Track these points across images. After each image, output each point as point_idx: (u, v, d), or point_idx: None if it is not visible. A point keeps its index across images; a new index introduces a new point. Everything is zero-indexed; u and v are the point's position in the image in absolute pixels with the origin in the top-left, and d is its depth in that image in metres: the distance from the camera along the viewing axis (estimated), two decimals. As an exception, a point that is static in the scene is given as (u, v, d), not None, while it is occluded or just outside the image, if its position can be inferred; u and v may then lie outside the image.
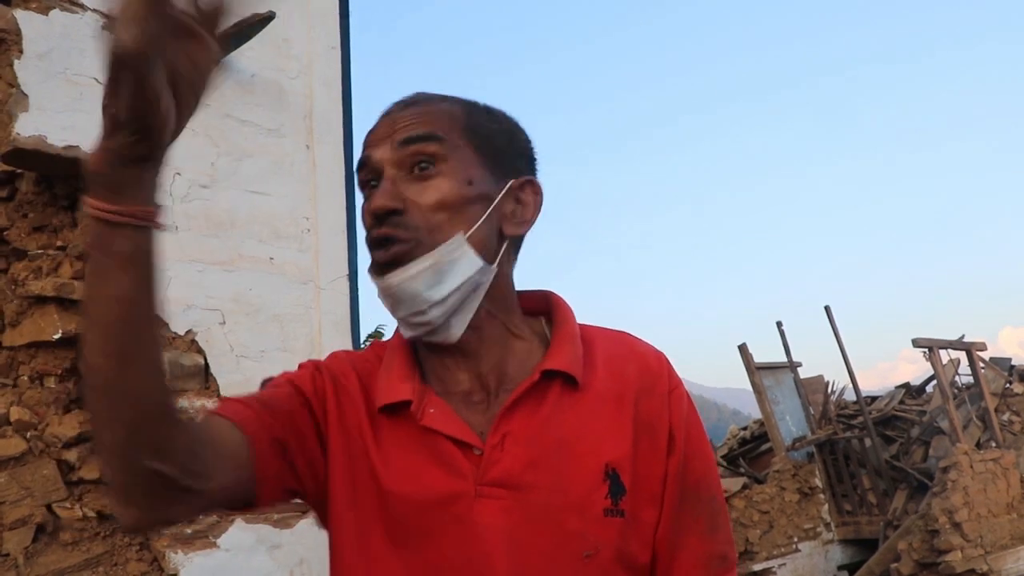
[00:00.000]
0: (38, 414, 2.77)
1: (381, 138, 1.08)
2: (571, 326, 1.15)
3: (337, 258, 3.42)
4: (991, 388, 11.80)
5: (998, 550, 8.98)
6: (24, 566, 2.58)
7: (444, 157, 1.06)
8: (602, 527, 1.05)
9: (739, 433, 14.62)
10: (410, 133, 1.06)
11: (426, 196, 1.05)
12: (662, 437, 1.12)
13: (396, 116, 1.09)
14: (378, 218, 1.03)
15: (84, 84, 2.83)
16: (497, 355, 1.11)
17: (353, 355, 1.19)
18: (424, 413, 1.06)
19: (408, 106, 1.10)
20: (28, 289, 2.79)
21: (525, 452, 1.04)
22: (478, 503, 1.03)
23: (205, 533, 2.82)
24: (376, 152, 1.07)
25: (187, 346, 2.93)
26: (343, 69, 3.66)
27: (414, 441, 1.06)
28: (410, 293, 1.03)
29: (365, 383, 1.13)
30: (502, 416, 1.06)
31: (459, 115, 1.10)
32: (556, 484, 1.04)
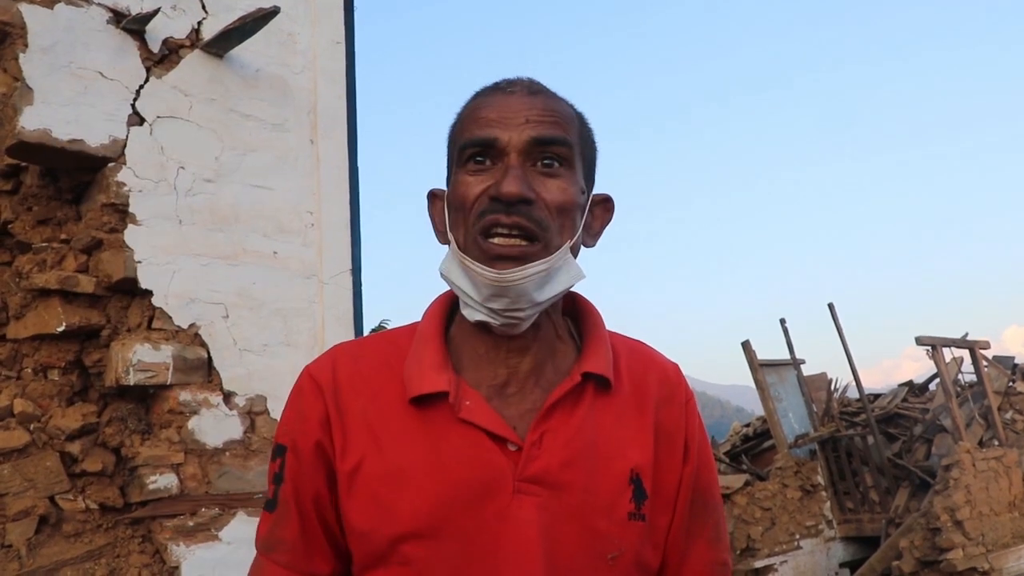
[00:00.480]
0: (41, 406, 2.78)
1: (510, 121, 1.04)
2: (602, 330, 1.17)
3: (340, 253, 3.42)
4: (994, 386, 11.78)
5: (1000, 548, 8.97)
6: (27, 557, 2.59)
7: (569, 163, 1.06)
8: (626, 530, 1.07)
9: (742, 430, 14.62)
10: (549, 134, 1.04)
11: (551, 194, 1.04)
12: (679, 446, 1.15)
13: (526, 102, 1.06)
14: (507, 203, 1.01)
15: (89, 78, 2.84)
16: (544, 353, 1.12)
17: (357, 347, 1.17)
18: (461, 406, 1.06)
19: (535, 94, 1.08)
20: (32, 282, 2.80)
21: (562, 452, 1.05)
22: (516, 499, 1.03)
23: (207, 526, 2.84)
24: (504, 134, 1.04)
25: (191, 339, 2.94)
26: (348, 64, 3.66)
27: (448, 433, 1.05)
28: (521, 292, 1.03)
29: (377, 377, 1.11)
30: (543, 415, 1.07)
31: (576, 121, 1.10)
32: (588, 485, 1.06)
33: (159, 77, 3.01)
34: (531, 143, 1.04)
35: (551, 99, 1.09)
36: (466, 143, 1.06)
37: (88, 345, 2.89)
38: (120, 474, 2.84)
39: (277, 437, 1.14)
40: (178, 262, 2.95)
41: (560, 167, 1.06)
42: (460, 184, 1.06)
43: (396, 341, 1.16)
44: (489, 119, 1.05)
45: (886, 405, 13.22)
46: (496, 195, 1.01)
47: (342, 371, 1.12)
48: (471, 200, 1.04)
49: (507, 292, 1.03)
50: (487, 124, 1.05)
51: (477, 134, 1.05)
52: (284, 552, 1.11)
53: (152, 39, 3.01)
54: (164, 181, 2.97)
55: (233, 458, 2.95)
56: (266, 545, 1.13)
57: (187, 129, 3.06)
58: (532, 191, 1.02)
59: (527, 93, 1.07)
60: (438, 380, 1.07)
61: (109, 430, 2.83)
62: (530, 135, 1.03)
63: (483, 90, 1.11)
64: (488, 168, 1.04)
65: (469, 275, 1.05)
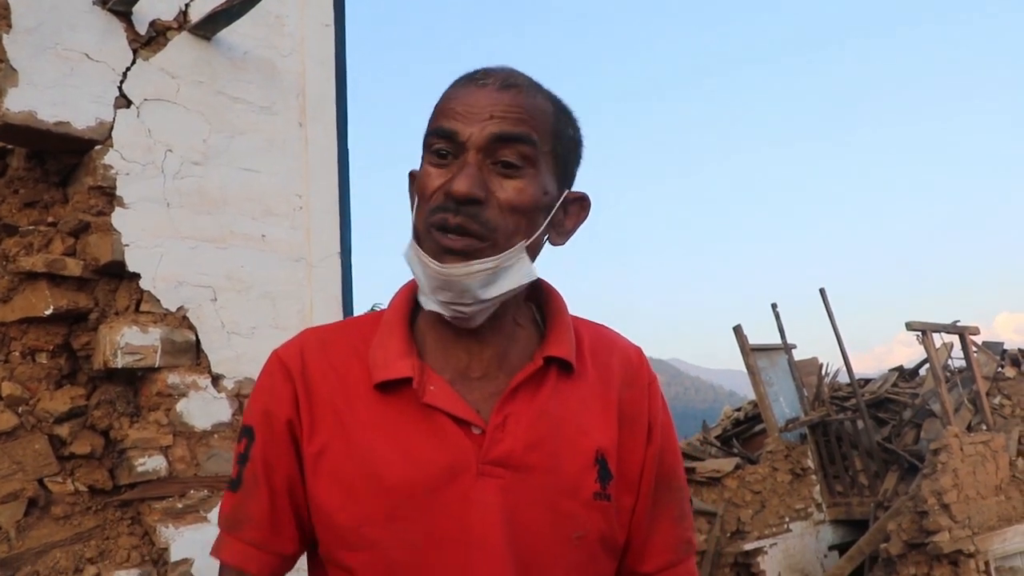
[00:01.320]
0: (30, 389, 2.78)
1: (474, 116, 1.04)
2: (565, 315, 1.18)
3: (329, 236, 3.42)
4: (983, 372, 11.85)
5: (985, 531, 9.06)
6: (16, 539, 2.60)
7: (533, 161, 1.06)
8: (591, 510, 1.09)
9: (733, 414, 14.69)
10: (510, 131, 1.04)
11: (507, 194, 1.04)
12: (642, 427, 1.17)
13: (494, 97, 1.05)
14: (457, 202, 1.02)
15: (75, 60, 2.82)
16: (504, 342, 1.13)
17: (324, 333, 1.19)
18: (425, 390, 1.07)
19: (506, 88, 1.06)
20: (19, 265, 2.80)
21: (526, 434, 1.07)
22: (479, 481, 1.05)
23: (196, 508, 2.85)
24: (466, 129, 1.04)
25: (178, 322, 2.94)
26: (337, 47, 3.64)
27: (412, 418, 1.07)
28: (464, 287, 1.04)
29: (343, 362, 1.13)
30: (506, 398, 1.08)
31: (550, 117, 1.09)
32: (552, 467, 1.07)
33: (146, 59, 3.00)
34: (491, 140, 1.03)
35: (523, 94, 1.07)
36: (431, 132, 1.07)
37: (76, 328, 2.89)
38: (109, 456, 2.85)
39: (245, 419, 1.16)
40: (166, 245, 2.94)
41: (521, 167, 1.05)
42: (424, 173, 1.07)
43: (362, 328, 1.17)
44: (455, 111, 1.05)
45: (876, 390, 13.30)
46: (447, 193, 1.02)
47: (310, 356, 1.13)
48: (429, 192, 1.06)
49: (451, 287, 1.04)
50: (452, 116, 1.05)
51: (443, 124, 1.05)
52: (251, 529, 1.12)
53: (139, 21, 3.00)
54: (151, 164, 2.96)
55: (222, 440, 2.96)
56: (231, 523, 1.14)
57: (174, 112, 3.05)
58: (484, 190, 1.02)
59: (498, 87, 1.06)
60: (402, 366, 1.09)
61: (98, 413, 2.83)
62: (491, 131, 1.03)
63: (460, 79, 1.11)
64: (449, 163, 1.05)
65: (420, 265, 1.06)
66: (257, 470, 1.12)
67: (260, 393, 1.15)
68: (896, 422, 12.21)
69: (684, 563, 1.21)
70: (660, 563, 1.19)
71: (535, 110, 1.07)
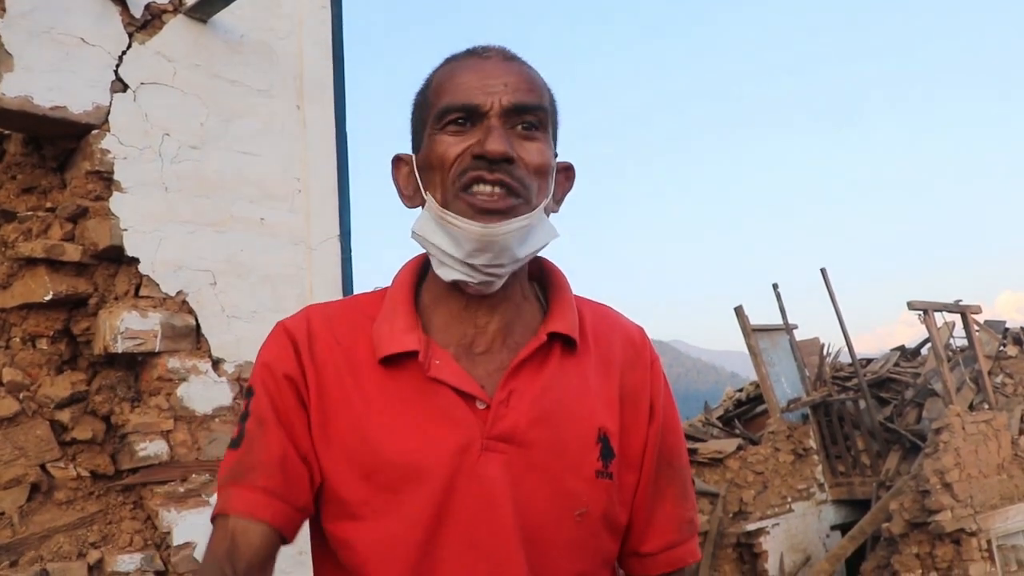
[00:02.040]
0: (31, 375, 2.78)
1: (491, 87, 1.06)
2: (568, 293, 1.19)
3: (328, 218, 3.41)
4: (985, 351, 11.86)
5: (987, 510, 9.08)
6: (19, 525, 2.61)
7: (544, 127, 1.09)
8: (593, 488, 1.09)
9: (735, 395, 14.70)
10: (528, 100, 1.07)
11: (531, 156, 1.06)
12: (644, 407, 1.17)
13: (502, 67, 1.08)
14: (490, 161, 1.03)
15: (70, 43, 2.80)
16: (511, 314, 1.13)
17: (329, 308, 1.18)
18: (430, 364, 1.07)
19: (510, 60, 1.10)
20: (18, 251, 2.79)
21: (529, 410, 1.07)
22: (484, 456, 1.05)
23: (198, 492, 2.85)
24: (486, 99, 1.05)
25: (178, 307, 2.93)
26: (334, 28, 3.62)
27: (417, 392, 1.07)
28: (505, 246, 1.04)
29: (348, 337, 1.13)
30: (510, 373, 1.08)
31: (546, 88, 1.13)
32: (555, 443, 1.07)
33: (142, 43, 2.98)
34: (511, 108, 1.05)
35: (525, 66, 1.11)
36: (447, 107, 1.06)
37: (76, 313, 2.89)
38: (110, 441, 2.85)
39: (251, 382, 1.13)
40: (165, 229, 2.94)
41: (537, 131, 1.08)
42: (439, 143, 1.07)
43: (366, 305, 1.17)
44: (469, 84, 1.06)
45: (878, 370, 13.30)
46: (481, 153, 1.03)
47: (316, 328, 1.13)
48: (452, 158, 1.05)
49: (491, 247, 1.04)
50: (467, 88, 1.06)
51: (459, 98, 1.06)
52: (262, 475, 1.05)
53: (134, 4, 2.97)
54: (149, 148, 2.95)
55: (223, 424, 2.96)
56: (236, 472, 1.07)
57: (172, 95, 3.03)
58: (513, 151, 1.04)
59: (503, 59, 1.09)
60: (408, 340, 1.09)
61: (98, 398, 2.84)
62: (511, 100, 1.05)
63: (456, 56, 1.12)
64: (468, 129, 1.06)
65: (450, 232, 1.05)
66: (263, 417, 1.08)
67: (266, 358, 1.13)
68: (898, 402, 12.22)
69: (686, 543, 1.21)
70: (662, 543, 1.19)
71: (538, 81, 1.11)
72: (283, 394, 1.09)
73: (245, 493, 1.04)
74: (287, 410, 1.08)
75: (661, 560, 1.19)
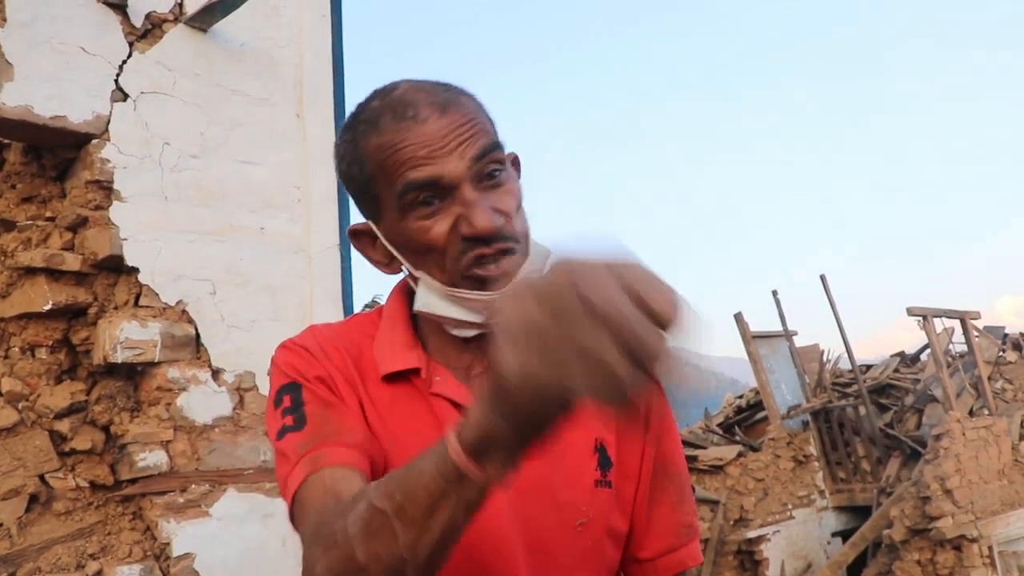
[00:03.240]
0: (30, 385, 2.77)
1: (441, 152, 0.99)
2: None
3: (328, 227, 3.41)
4: (984, 356, 11.85)
5: (988, 516, 9.06)
6: (18, 536, 2.60)
7: (502, 160, 1.05)
8: (592, 498, 1.09)
9: (735, 401, 14.69)
10: (482, 145, 1.01)
11: (507, 203, 1.03)
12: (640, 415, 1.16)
13: (444, 124, 1.00)
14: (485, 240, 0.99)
15: (70, 53, 2.80)
16: None
17: (331, 327, 1.18)
18: (432, 381, 1.08)
19: (444, 111, 1.01)
20: (17, 260, 2.79)
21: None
22: None
23: (197, 502, 2.84)
24: (446, 169, 0.99)
25: (178, 316, 2.93)
26: (334, 38, 3.63)
27: (418, 409, 1.07)
28: None
29: (352, 352, 1.12)
30: None
31: (481, 109, 1.07)
32: (553, 456, 1.07)
33: (142, 52, 2.98)
34: (474, 165, 1.00)
35: (456, 106, 1.03)
36: (406, 189, 1.00)
37: (75, 323, 2.88)
38: (110, 452, 2.84)
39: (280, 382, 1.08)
40: (164, 239, 2.93)
41: (502, 172, 1.04)
42: (416, 231, 1.02)
43: (364, 325, 1.17)
44: (418, 157, 0.99)
45: (878, 376, 13.29)
46: (472, 234, 0.99)
47: (324, 342, 1.13)
48: (441, 243, 1.01)
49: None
50: (420, 163, 0.99)
51: (419, 175, 0.99)
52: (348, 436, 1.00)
53: (134, 13, 2.98)
54: (149, 157, 2.95)
55: (223, 434, 2.95)
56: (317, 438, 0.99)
57: (172, 104, 3.03)
58: (499, 215, 1.01)
59: (438, 113, 1.01)
60: (410, 357, 1.09)
61: (98, 408, 2.83)
62: (471, 156, 0.99)
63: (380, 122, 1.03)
64: (440, 207, 1.01)
65: (464, 304, 1.04)
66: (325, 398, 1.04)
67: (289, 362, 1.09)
68: (898, 408, 12.20)
69: (686, 547, 1.20)
70: (660, 548, 1.19)
71: (474, 112, 1.05)
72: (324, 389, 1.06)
73: (337, 448, 0.98)
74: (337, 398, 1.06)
75: (661, 565, 1.18)
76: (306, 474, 0.95)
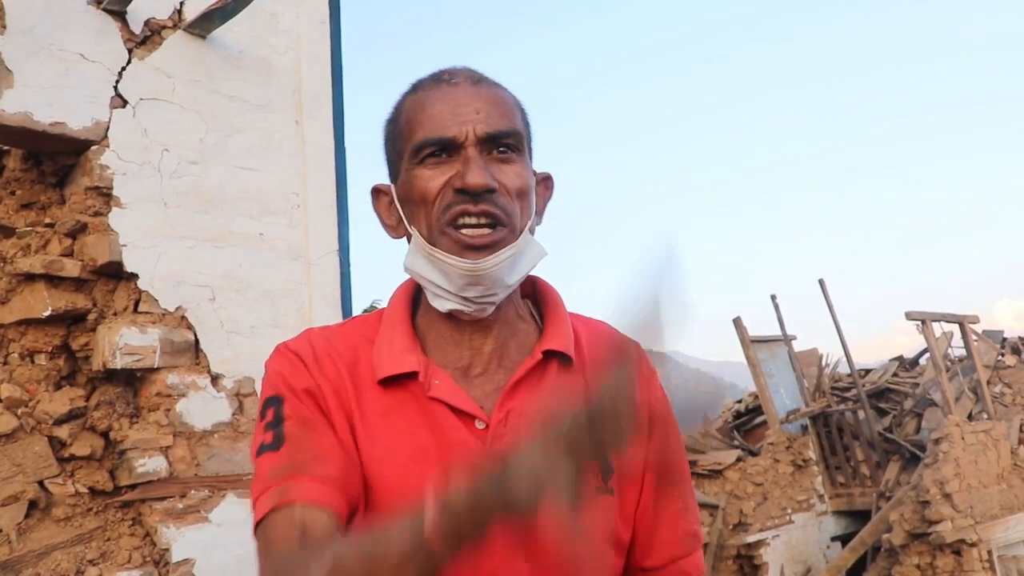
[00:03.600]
0: (29, 391, 2.78)
1: (463, 116, 1.05)
2: (562, 309, 1.20)
3: (327, 233, 3.42)
4: (983, 360, 11.85)
5: (987, 520, 9.06)
6: (17, 542, 2.60)
7: (520, 148, 1.09)
8: (593, 504, 1.09)
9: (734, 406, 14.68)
10: (500, 127, 1.06)
11: (511, 180, 1.06)
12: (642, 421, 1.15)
13: (471, 92, 1.08)
14: (472, 194, 1.03)
15: (70, 60, 2.81)
16: (506, 335, 1.14)
17: (328, 331, 1.18)
18: (430, 384, 1.08)
19: (478, 83, 1.09)
20: (17, 267, 2.79)
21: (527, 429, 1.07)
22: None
23: (197, 508, 2.84)
24: (460, 129, 1.05)
25: (177, 322, 2.93)
26: (332, 44, 3.64)
27: (417, 412, 1.08)
28: (496, 277, 1.06)
29: (349, 357, 1.13)
30: (507, 393, 1.09)
31: (517, 106, 1.12)
32: None
33: (141, 59, 2.99)
34: (486, 137, 1.05)
35: (494, 88, 1.11)
36: (422, 143, 1.06)
37: (75, 329, 2.89)
38: (109, 458, 2.84)
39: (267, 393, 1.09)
40: (164, 245, 2.94)
41: (514, 153, 1.08)
42: (418, 178, 1.07)
43: (363, 327, 1.18)
44: (441, 115, 1.06)
45: (877, 380, 13.29)
46: (463, 187, 1.03)
47: (319, 348, 1.13)
48: (434, 193, 1.06)
49: (481, 280, 1.05)
50: (440, 120, 1.06)
51: (433, 132, 1.06)
52: (321, 466, 1.00)
53: (134, 20, 2.99)
54: (148, 164, 2.95)
55: (222, 440, 2.95)
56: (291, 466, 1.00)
57: (171, 111, 3.04)
58: (494, 179, 1.04)
59: (471, 83, 1.09)
60: (408, 361, 1.09)
61: (97, 414, 2.83)
62: (485, 130, 1.05)
63: (423, 83, 1.12)
64: (446, 161, 1.06)
65: (440, 267, 1.07)
66: (306, 417, 1.05)
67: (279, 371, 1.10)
68: (897, 412, 12.20)
69: (691, 556, 1.20)
70: (665, 557, 1.18)
71: (509, 102, 1.11)
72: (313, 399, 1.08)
73: (309, 483, 0.98)
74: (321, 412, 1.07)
75: (665, 574, 1.18)
76: (273, 505, 0.96)
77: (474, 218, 1.04)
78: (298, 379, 1.08)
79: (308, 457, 1.00)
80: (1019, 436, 10.45)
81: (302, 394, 1.07)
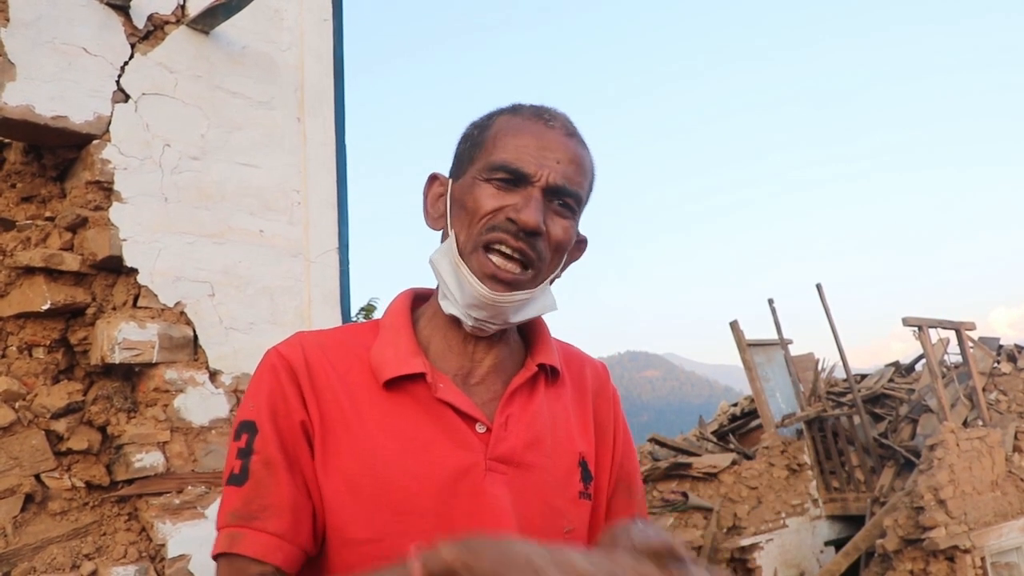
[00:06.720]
0: (27, 384, 2.77)
1: (546, 158, 1.11)
2: (547, 328, 1.29)
3: (327, 231, 3.41)
4: (979, 367, 11.88)
5: (981, 527, 9.08)
6: (12, 535, 2.59)
7: (576, 209, 1.16)
8: (577, 508, 1.18)
9: (729, 409, 14.72)
10: (571, 186, 1.12)
11: (557, 232, 1.12)
12: (609, 435, 1.28)
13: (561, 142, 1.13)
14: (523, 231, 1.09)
15: (72, 53, 2.81)
16: (505, 352, 1.21)
17: (320, 336, 1.20)
18: (436, 387, 1.13)
19: (570, 136, 1.15)
20: (16, 260, 2.79)
21: (525, 434, 1.15)
22: (487, 476, 1.10)
23: (193, 504, 2.84)
24: (538, 170, 1.10)
25: (176, 318, 2.93)
26: (335, 41, 3.64)
27: (423, 413, 1.12)
28: (502, 311, 1.12)
29: (342, 363, 1.16)
30: (506, 400, 1.16)
31: (592, 173, 1.19)
32: (546, 465, 1.15)
33: (144, 54, 2.99)
34: (555, 188, 1.11)
35: (581, 147, 1.16)
36: (500, 164, 1.12)
37: (73, 323, 2.88)
38: (106, 452, 2.84)
39: (245, 414, 1.12)
40: (164, 240, 2.94)
41: (569, 211, 1.15)
42: (480, 192, 1.12)
43: (358, 334, 1.22)
44: (527, 149, 1.12)
45: (872, 385, 13.32)
46: (515, 219, 1.09)
47: (311, 353, 1.16)
48: (486, 211, 1.11)
49: (490, 309, 1.12)
50: (524, 153, 1.11)
51: (512, 160, 1.11)
52: (273, 519, 1.06)
53: (137, 15, 2.98)
54: (149, 159, 2.95)
55: (219, 436, 2.95)
56: (245, 515, 1.06)
57: (172, 106, 3.04)
58: (543, 225, 1.10)
59: (564, 133, 1.15)
60: (415, 363, 1.14)
61: (95, 408, 2.83)
62: (556, 180, 1.11)
63: (522, 110, 1.18)
64: (510, 189, 1.11)
65: (460, 279, 1.12)
66: (271, 459, 1.08)
67: (262, 390, 1.13)
68: (892, 418, 12.23)
69: None
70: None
71: (587, 164, 1.17)
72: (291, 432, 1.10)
73: (257, 536, 1.05)
74: (295, 447, 1.10)
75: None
76: (223, 549, 1.05)
77: (509, 250, 1.10)
78: (279, 403, 1.11)
79: (261, 506, 1.06)
80: (1014, 443, 10.46)
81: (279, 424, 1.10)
